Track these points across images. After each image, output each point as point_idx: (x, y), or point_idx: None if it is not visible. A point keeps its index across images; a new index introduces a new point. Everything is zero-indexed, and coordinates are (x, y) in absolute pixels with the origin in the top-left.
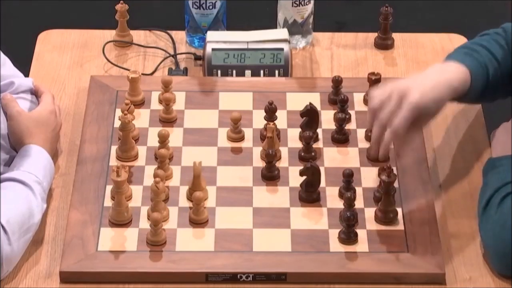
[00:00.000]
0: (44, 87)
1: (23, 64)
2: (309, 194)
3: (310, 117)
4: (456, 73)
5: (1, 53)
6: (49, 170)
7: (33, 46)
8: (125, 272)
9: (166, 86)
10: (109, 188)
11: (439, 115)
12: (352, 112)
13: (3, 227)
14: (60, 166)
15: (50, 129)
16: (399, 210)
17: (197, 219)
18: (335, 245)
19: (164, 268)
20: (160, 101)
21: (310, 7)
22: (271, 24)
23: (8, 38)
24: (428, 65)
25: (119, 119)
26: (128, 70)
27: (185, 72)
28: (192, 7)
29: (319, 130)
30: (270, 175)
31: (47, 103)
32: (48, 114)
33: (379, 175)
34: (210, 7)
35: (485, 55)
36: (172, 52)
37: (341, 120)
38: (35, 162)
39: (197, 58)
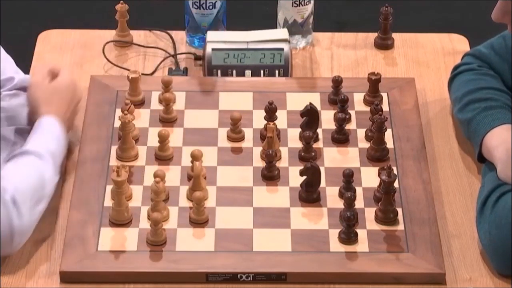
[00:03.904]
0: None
1: (23, 64)
2: (309, 194)
3: (310, 117)
4: None
5: (3, 50)
6: (62, 141)
7: (33, 46)
8: (125, 272)
9: (166, 86)
10: (109, 188)
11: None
12: (352, 112)
13: (12, 197)
14: (60, 166)
15: (65, 100)
16: (399, 210)
17: (197, 219)
18: (335, 245)
19: (164, 268)
20: (160, 101)
21: (310, 7)
22: (271, 24)
23: (8, 38)
24: (428, 65)
25: (119, 119)
26: (128, 70)
27: (185, 72)
28: (192, 7)
29: (319, 130)
30: (270, 175)
31: (65, 75)
32: (66, 86)
33: (379, 175)
34: (210, 7)
35: (503, 97)
36: (172, 52)
37: (341, 120)
38: (48, 134)
39: (197, 58)
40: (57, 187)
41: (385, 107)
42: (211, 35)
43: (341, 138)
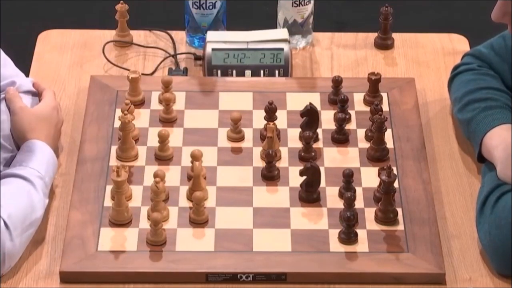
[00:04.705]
0: (44, 84)
1: (23, 64)
2: (309, 194)
3: (310, 117)
4: None
5: (3, 53)
6: (52, 165)
7: (33, 46)
8: (125, 272)
9: (166, 86)
10: (109, 188)
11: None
12: (352, 112)
13: (5, 222)
14: (60, 166)
15: (53, 125)
16: (399, 210)
17: (197, 219)
18: (335, 245)
19: (164, 268)
20: (160, 101)
21: (310, 7)
22: (271, 24)
23: (8, 38)
24: (428, 65)
25: (119, 119)
26: (128, 70)
27: (185, 72)
28: (192, 7)
29: (319, 130)
30: (270, 175)
31: (49, 99)
32: (51, 110)
33: (379, 175)
34: (210, 7)
35: (502, 97)
36: (172, 52)
37: (341, 120)
38: (38, 157)
39: (197, 58)
40: (57, 188)
41: (385, 107)
42: (211, 35)
43: (341, 138)
